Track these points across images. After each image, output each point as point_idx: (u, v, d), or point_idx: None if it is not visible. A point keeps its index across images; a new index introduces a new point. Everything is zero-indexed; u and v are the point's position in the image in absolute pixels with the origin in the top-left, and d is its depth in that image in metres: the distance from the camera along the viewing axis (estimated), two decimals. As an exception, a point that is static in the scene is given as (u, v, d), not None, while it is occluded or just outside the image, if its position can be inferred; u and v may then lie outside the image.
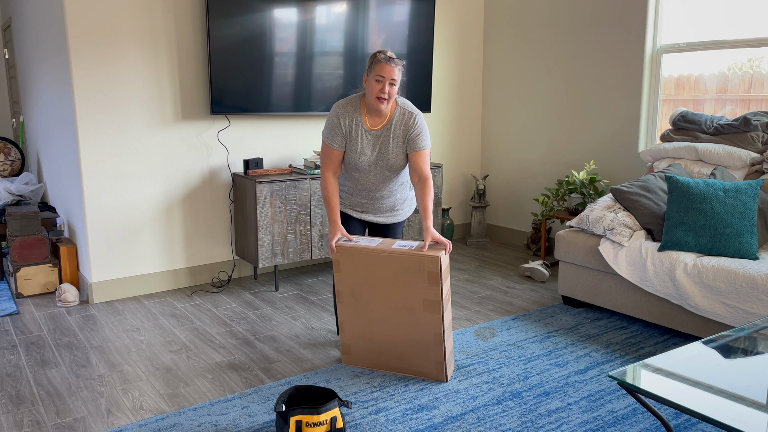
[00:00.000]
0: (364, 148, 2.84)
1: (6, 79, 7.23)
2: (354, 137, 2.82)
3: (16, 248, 4.03)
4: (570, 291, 3.69)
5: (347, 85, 4.47)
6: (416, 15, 4.67)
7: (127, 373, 2.94)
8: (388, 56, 2.72)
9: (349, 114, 2.81)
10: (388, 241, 2.79)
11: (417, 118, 2.83)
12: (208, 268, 4.31)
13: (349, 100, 2.85)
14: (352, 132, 2.82)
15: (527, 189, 5.23)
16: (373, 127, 2.83)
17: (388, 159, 2.85)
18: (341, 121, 2.81)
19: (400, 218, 3.08)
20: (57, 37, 3.94)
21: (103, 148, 3.82)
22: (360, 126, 2.82)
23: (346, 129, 2.82)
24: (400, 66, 2.74)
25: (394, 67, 2.70)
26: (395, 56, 2.75)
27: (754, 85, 3.88)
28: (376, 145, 2.84)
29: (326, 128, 2.86)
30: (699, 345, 2.11)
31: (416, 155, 2.83)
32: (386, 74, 2.70)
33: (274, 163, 4.46)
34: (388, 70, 2.69)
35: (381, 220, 3.04)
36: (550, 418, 2.48)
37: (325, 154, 2.88)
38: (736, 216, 3.08)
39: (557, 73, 4.86)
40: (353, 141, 2.83)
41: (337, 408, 2.28)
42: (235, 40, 3.99)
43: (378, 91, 2.71)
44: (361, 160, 2.85)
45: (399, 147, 2.84)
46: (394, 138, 2.83)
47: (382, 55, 2.73)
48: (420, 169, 2.82)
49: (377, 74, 2.71)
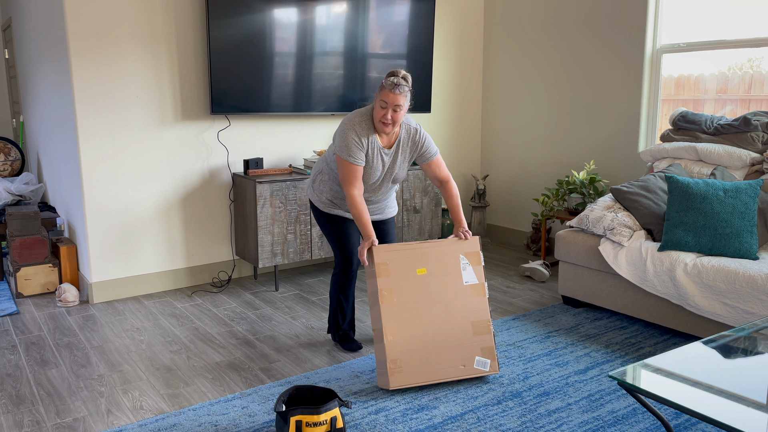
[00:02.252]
0: (378, 165, 2.87)
1: (6, 79, 7.23)
2: (371, 155, 2.84)
3: (16, 248, 4.03)
4: (570, 291, 3.69)
5: (347, 85, 4.47)
6: (416, 15, 4.67)
7: (127, 373, 2.94)
8: (395, 83, 2.71)
9: (365, 132, 2.82)
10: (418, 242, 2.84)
11: (420, 133, 2.93)
12: (208, 268, 4.31)
13: (362, 117, 2.84)
14: (368, 149, 2.83)
15: (527, 189, 5.23)
16: (387, 146, 2.89)
17: (395, 173, 2.95)
18: (361, 139, 2.80)
19: (391, 213, 3.18)
20: (57, 37, 3.94)
21: (103, 148, 3.82)
22: (376, 144, 2.84)
23: (365, 146, 2.82)
24: (406, 92, 2.73)
25: (399, 94, 2.70)
26: (404, 81, 2.74)
27: (754, 85, 3.88)
28: (387, 162, 2.90)
29: (345, 147, 2.79)
30: (699, 345, 2.11)
31: (432, 165, 2.96)
32: (389, 101, 2.71)
33: (274, 163, 4.46)
34: (391, 98, 2.70)
35: (375, 217, 3.12)
36: (550, 418, 2.49)
37: (348, 173, 2.80)
38: (736, 216, 3.08)
39: (557, 73, 4.86)
40: (369, 159, 2.85)
41: (337, 408, 2.28)
42: (235, 40, 3.99)
43: (382, 116, 2.75)
44: (372, 176, 2.89)
45: (406, 162, 2.96)
46: (402, 154, 2.92)
47: (389, 80, 2.72)
48: (437, 175, 2.97)
49: (382, 99, 2.72)
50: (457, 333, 2.75)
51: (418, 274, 2.76)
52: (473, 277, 2.82)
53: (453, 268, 2.80)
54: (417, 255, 2.78)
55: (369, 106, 2.88)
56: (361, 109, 2.87)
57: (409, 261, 2.76)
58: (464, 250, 2.84)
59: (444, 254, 2.81)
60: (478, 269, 2.83)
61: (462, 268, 2.80)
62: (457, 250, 2.83)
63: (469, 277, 2.81)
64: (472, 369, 2.74)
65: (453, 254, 2.82)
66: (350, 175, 2.81)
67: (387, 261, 2.74)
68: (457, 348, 2.74)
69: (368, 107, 2.88)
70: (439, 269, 2.78)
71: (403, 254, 2.77)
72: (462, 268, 2.81)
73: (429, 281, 2.76)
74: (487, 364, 2.77)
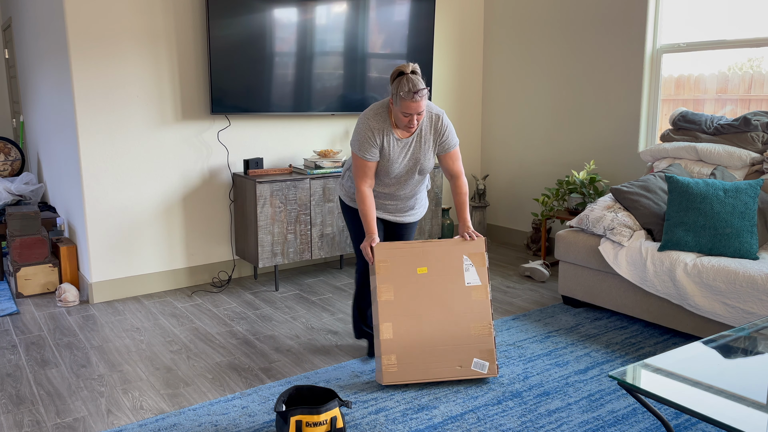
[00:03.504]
0: (396, 157, 2.81)
1: (6, 79, 7.23)
2: (387, 148, 2.79)
3: (16, 248, 4.03)
4: (570, 291, 3.69)
5: (347, 85, 4.47)
6: (416, 15, 4.67)
7: (127, 373, 2.94)
8: (413, 90, 2.60)
9: (380, 126, 2.76)
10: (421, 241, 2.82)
11: (443, 120, 2.83)
12: (208, 268, 4.31)
13: (377, 111, 2.78)
14: (384, 144, 2.78)
15: (527, 189, 5.23)
16: (403, 137, 2.81)
17: (421, 162, 2.85)
18: (375, 135, 2.75)
19: (416, 217, 3.08)
20: (57, 37, 3.94)
21: (103, 148, 3.82)
22: (392, 137, 2.78)
23: (379, 142, 2.77)
24: (425, 93, 2.65)
25: (420, 100, 2.62)
26: (420, 83, 2.62)
27: (754, 85, 3.88)
28: (408, 152, 2.82)
29: (358, 142, 2.77)
30: (699, 345, 2.11)
31: (447, 156, 2.89)
32: (412, 111, 2.64)
33: (274, 163, 4.46)
34: (414, 107, 2.63)
35: (399, 218, 3.02)
36: (550, 418, 2.49)
37: (359, 168, 2.79)
38: (736, 216, 3.08)
39: (557, 72, 4.86)
40: (386, 152, 2.79)
41: (337, 408, 2.28)
42: (235, 40, 3.99)
43: (407, 124, 2.69)
44: (394, 168, 2.83)
45: (431, 150, 2.86)
46: (425, 143, 2.83)
47: (404, 89, 2.60)
48: (451, 168, 2.90)
49: (403, 111, 2.65)
50: (455, 333, 2.73)
51: (419, 273, 2.75)
52: (476, 278, 2.79)
53: (455, 268, 2.78)
54: (419, 254, 2.76)
55: (386, 99, 2.83)
56: (377, 102, 2.82)
57: (410, 259, 2.76)
58: (468, 251, 2.81)
59: (447, 254, 2.79)
60: (482, 271, 2.80)
61: (465, 269, 2.78)
62: (461, 250, 2.80)
63: (471, 278, 2.78)
64: (469, 370, 2.73)
65: (456, 254, 2.79)
66: (360, 170, 2.80)
67: (387, 259, 2.74)
68: (455, 349, 2.73)
69: (385, 100, 2.83)
70: (441, 269, 2.77)
71: (404, 252, 2.76)
72: (465, 268, 2.78)
73: (429, 280, 2.75)
74: (485, 366, 2.75)
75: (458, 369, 2.72)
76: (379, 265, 2.73)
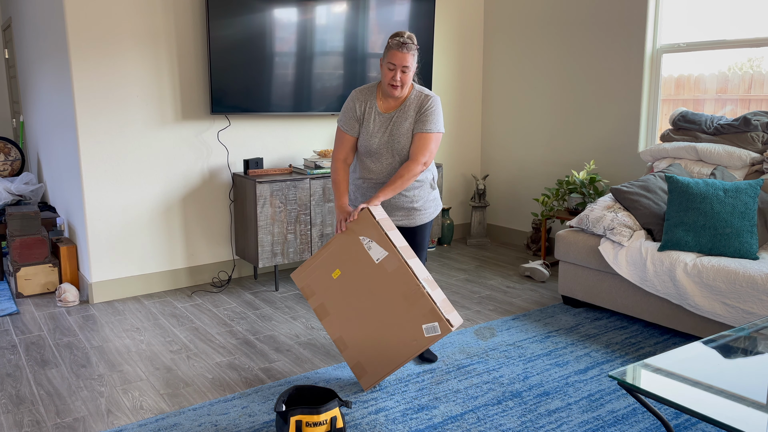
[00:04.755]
0: (376, 130, 2.78)
1: (6, 79, 7.23)
2: (367, 119, 2.79)
3: (16, 248, 4.03)
4: (570, 291, 3.69)
5: (347, 85, 4.47)
6: (416, 15, 4.67)
7: (127, 373, 2.94)
8: (401, 42, 2.63)
9: (364, 98, 2.79)
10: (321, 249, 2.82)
11: (432, 100, 2.75)
12: (208, 268, 4.31)
13: (367, 85, 2.83)
14: (365, 115, 2.79)
15: (527, 189, 5.23)
16: (386, 111, 2.79)
17: (399, 141, 2.75)
18: (356, 105, 2.79)
19: (422, 220, 2.94)
20: (57, 37, 3.94)
21: (103, 148, 3.82)
22: (374, 108, 2.78)
23: (359, 113, 2.79)
24: (414, 51, 2.65)
25: (407, 53, 2.63)
26: (410, 40, 2.64)
27: (754, 85, 3.88)
28: (387, 127, 2.77)
29: (341, 113, 2.84)
30: (699, 345, 2.11)
31: (417, 137, 2.73)
32: (398, 62, 2.64)
33: (274, 163, 4.46)
34: (399, 57, 2.63)
35: (405, 223, 2.93)
36: (550, 418, 2.49)
37: (337, 140, 2.85)
38: (736, 216, 3.08)
39: (557, 72, 4.86)
40: (366, 123, 2.79)
41: (337, 408, 2.28)
42: (235, 40, 3.99)
43: (390, 79, 2.68)
44: (371, 143, 2.79)
45: (409, 129, 2.75)
46: (407, 119, 2.75)
47: (395, 40, 2.64)
48: (412, 149, 2.73)
49: (389, 61, 2.66)
50: (393, 312, 2.64)
51: (334, 277, 2.74)
52: (381, 251, 2.67)
53: (359, 254, 2.70)
54: (326, 261, 2.76)
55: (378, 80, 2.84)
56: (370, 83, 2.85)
57: (322, 271, 2.76)
58: (359, 230, 2.69)
59: (345, 245, 2.72)
60: (382, 239, 2.64)
61: (367, 249, 2.69)
62: (355, 233, 2.70)
63: (377, 254, 2.67)
64: (425, 339, 2.59)
65: (353, 241, 2.71)
66: (338, 141, 2.85)
67: (307, 282, 2.79)
68: (400, 326, 2.62)
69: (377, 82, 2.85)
70: (349, 262, 2.71)
71: (315, 267, 2.78)
72: (367, 248, 2.69)
73: (347, 278, 2.72)
74: (436, 327, 2.58)
75: (415, 343, 2.60)
76: (305, 291, 2.79)
